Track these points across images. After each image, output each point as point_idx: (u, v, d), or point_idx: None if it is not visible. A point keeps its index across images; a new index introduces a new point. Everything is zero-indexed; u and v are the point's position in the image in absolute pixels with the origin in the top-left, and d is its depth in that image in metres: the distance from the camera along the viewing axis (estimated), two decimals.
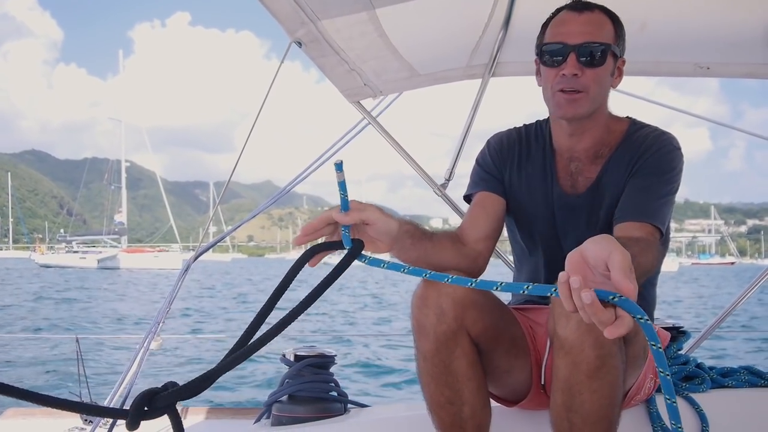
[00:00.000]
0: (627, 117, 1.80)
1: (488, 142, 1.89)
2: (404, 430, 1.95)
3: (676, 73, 2.54)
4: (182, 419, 3.17)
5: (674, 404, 1.09)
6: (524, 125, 1.90)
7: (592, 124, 1.71)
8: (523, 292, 1.12)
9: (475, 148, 1.98)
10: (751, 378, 2.04)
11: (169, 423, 1.11)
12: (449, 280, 1.23)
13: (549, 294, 1.07)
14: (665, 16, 2.20)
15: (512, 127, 1.90)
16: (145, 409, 1.02)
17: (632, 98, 2.76)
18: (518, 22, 2.36)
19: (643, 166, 1.68)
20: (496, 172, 1.83)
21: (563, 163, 1.78)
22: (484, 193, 1.82)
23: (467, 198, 1.88)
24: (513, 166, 1.82)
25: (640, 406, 1.86)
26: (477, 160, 1.89)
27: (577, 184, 1.76)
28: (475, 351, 1.58)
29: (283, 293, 1.26)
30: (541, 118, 1.88)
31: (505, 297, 1.75)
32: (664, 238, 1.65)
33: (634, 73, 2.52)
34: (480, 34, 2.35)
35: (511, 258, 2.09)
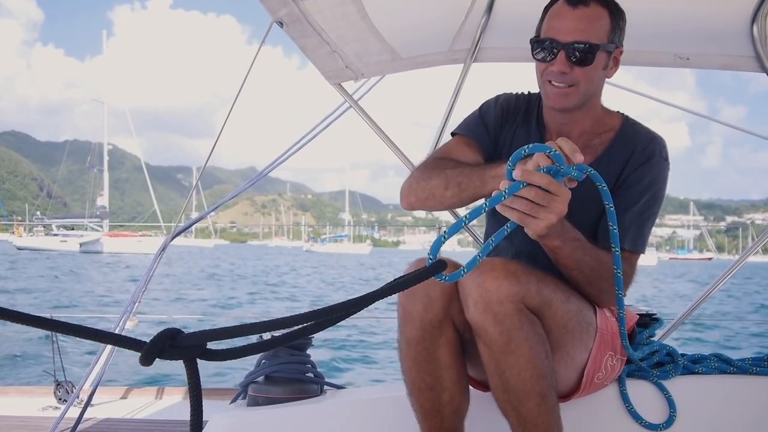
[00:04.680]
0: (619, 112, 1.79)
1: (498, 97, 1.86)
2: (380, 411, 1.96)
3: (656, 63, 2.55)
4: (158, 398, 3.17)
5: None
6: (529, 92, 1.86)
7: (583, 114, 1.71)
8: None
9: None
10: (721, 365, 2.07)
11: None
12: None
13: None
14: (646, 6, 2.21)
15: (522, 92, 1.87)
16: (166, 345, 0.93)
17: (616, 90, 2.78)
18: (501, 8, 2.36)
19: (632, 179, 1.67)
20: (491, 128, 1.80)
21: (552, 140, 1.76)
22: (469, 139, 1.79)
23: (454, 134, 1.85)
24: (512, 130, 1.80)
25: (612, 388, 1.89)
26: (480, 108, 1.86)
27: None
28: (459, 340, 1.60)
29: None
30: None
31: None
32: None
33: None
34: (463, 18, 2.35)
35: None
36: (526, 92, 1.87)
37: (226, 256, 55.41)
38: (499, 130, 1.81)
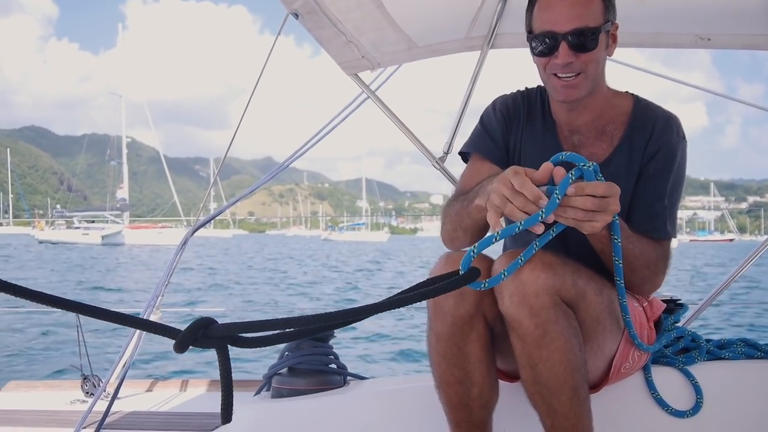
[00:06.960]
0: (627, 92, 1.77)
1: (494, 102, 1.84)
2: (403, 402, 1.97)
3: (676, 45, 2.51)
4: (183, 391, 3.20)
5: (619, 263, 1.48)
6: (526, 88, 1.84)
7: (591, 99, 1.68)
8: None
9: (473, 121, 1.96)
10: (748, 350, 2.04)
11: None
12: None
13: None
14: None
15: (516, 90, 1.85)
16: (199, 334, 0.95)
17: (630, 70, 2.74)
18: None
19: (655, 166, 1.67)
20: (498, 137, 1.79)
21: (564, 134, 1.75)
22: (479, 155, 1.80)
23: (463, 155, 1.85)
24: (518, 131, 1.79)
25: (637, 375, 1.87)
26: (481, 119, 1.84)
27: None
28: (489, 334, 1.58)
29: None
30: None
31: None
32: None
33: (634, 44, 2.49)
34: (479, 5, 2.32)
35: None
36: (523, 89, 1.85)
37: (246, 246, 55.74)
38: (507, 136, 1.79)
